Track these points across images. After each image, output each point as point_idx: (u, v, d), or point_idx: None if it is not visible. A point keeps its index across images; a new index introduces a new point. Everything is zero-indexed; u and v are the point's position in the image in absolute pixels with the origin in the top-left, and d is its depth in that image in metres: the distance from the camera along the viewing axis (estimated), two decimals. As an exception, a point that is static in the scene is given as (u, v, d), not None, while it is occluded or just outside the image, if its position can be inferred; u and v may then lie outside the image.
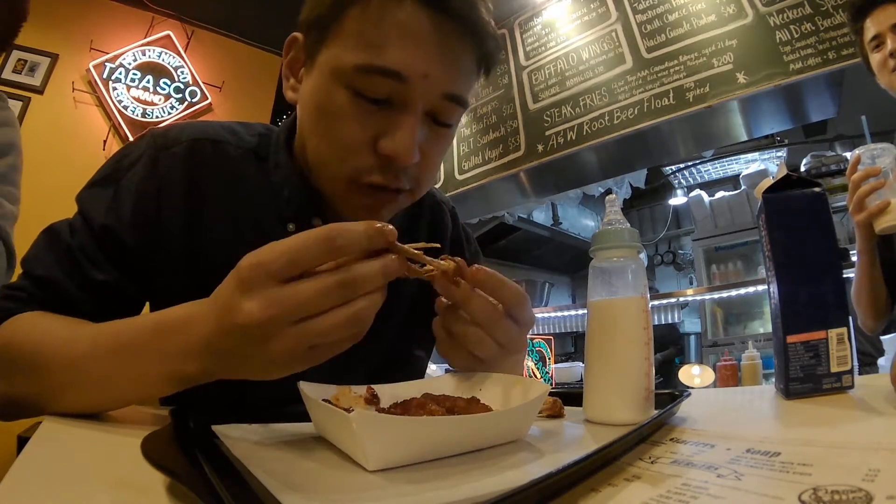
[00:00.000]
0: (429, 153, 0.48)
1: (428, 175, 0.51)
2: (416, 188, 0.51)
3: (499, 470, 0.30)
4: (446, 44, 0.44)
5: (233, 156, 0.55)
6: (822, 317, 0.48)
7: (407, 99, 0.45)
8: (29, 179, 2.11)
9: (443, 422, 0.32)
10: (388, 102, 0.45)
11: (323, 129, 0.47)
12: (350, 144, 0.46)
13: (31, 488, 0.26)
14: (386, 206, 0.51)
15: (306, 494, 0.25)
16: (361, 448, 0.28)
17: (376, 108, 0.45)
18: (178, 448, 0.28)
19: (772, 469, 0.26)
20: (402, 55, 0.43)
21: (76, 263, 0.49)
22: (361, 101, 0.45)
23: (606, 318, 0.44)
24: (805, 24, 1.47)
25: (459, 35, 0.45)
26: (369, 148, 0.46)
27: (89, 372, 0.40)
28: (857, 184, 0.77)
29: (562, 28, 2.13)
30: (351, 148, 0.46)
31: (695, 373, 1.90)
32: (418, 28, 0.43)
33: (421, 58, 0.43)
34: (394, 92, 0.44)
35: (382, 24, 0.43)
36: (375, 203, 0.50)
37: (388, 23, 0.43)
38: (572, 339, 3.54)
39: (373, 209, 0.50)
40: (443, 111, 0.47)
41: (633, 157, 2.16)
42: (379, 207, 0.50)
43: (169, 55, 2.53)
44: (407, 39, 0.43)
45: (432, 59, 0.44)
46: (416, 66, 0.43)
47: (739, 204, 3.18)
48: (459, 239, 0.71)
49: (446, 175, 2.46)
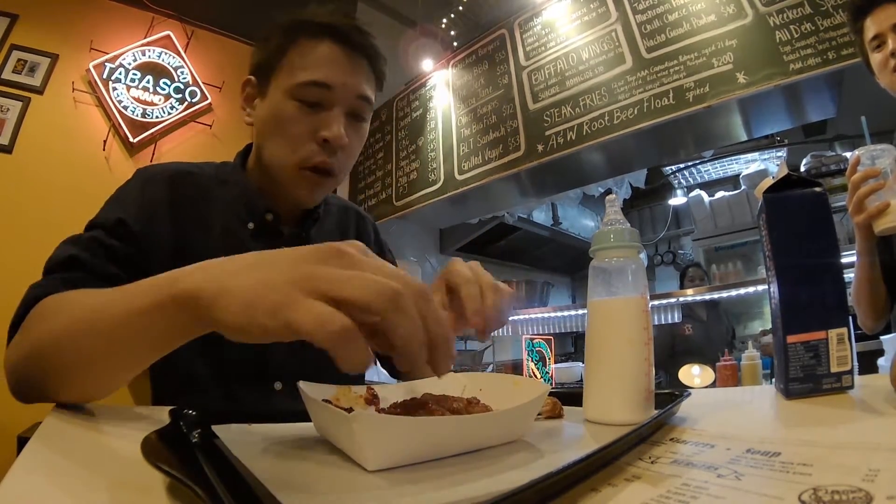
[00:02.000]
0: (350, 143, 0.67)
1: (348, 162, 0.70)
2: (340, 173, 0.69)
3: (499, 470, 0.30)
4: (353, 64, 0.67)
5: (201, 182, 0.71)
6: (822, 317, 0.48)
7: (334, 101, 0.65)
8: (29, 180, 2.13)
9: (442, 422, 0.32)
10: (321, 105, 0.65)
11: (278, 132, 0.66)
12: (298, 137, 0.65)
13: (31, 488, 0.26)
14: (320, 187, 0.69)
15: (306, 494, 0.25)
16: (361, 448, 0.28)
17: (313, 111, 0.65)
18: (178, 448, 0.28)
19: (772, 469, 0.26)
20: (326, 72, 0.65)
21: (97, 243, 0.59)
22: (303, 107, 0.65)
23: (606, 318, 0.44)
24: (805, 24, 1.47)
25: (360, 58, 0.68)
26: (311, 138, 0.65)
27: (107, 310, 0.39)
28: (856, 185, 0.77)
29: (561, 28, 2.13)
30: (299, 140, 0.65)
31: (695, 373, 1.90)
32: (334, 57, 0.66)
33: (339, 73, 0.65)
34: (324, 98, 0.65)
35: (311, 56, 0.65)
36: (314, 183, 0.67)
37: (315, 55, 0.65)
38: (572, 339, 3.55)
39: (311, 188, 0.68)
40: (358, 109, 0.68)
41: (633, 157, 2.16)
42: (315, 186, 0.68)
43: (169, 55, 2.53)
44: (328, 64, 0.65)
45: (346, 73, 0.66)
46: (336, 78, 0.65)
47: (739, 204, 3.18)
48: (382, 247, 0.90)
49: (446, 175, 2.46)
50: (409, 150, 2.73)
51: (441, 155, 2.53)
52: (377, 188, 2.88)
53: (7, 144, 2.11)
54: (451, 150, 2.47)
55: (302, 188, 0.68)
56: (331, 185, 0.70)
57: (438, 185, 2.49)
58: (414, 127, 2.70)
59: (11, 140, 2.12)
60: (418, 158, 2.66)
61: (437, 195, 2.48)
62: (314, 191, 0.69)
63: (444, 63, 2.62)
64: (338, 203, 0.87)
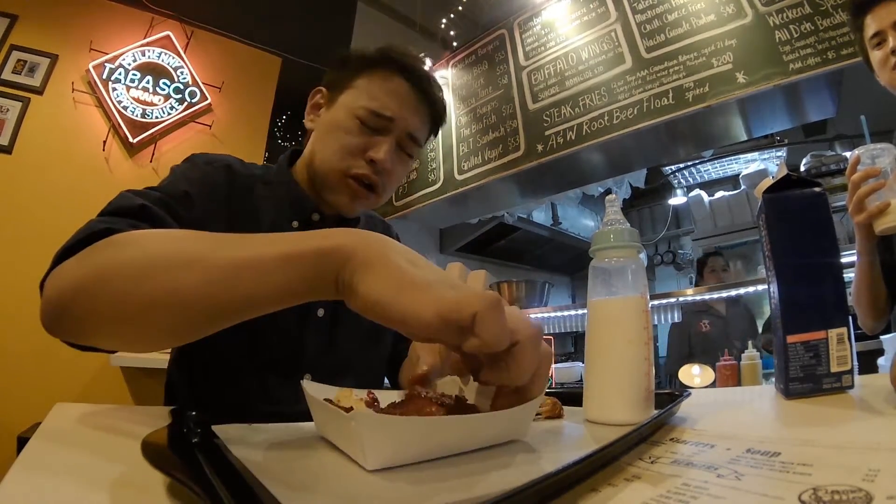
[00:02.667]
0: (394, 168, 0.73)
1: (390, 185, 0.75)
2: (382, 192, 0.74)
3: (499, 470, 0.30)
4: (416, 106, 0.74)
5: (250, 178, 0.74)
6: (822, 317, 0.48)
7: (389, 130, 0.72)
8: (29, 180, 2.13)
9: (443, 422, 0.32)
10: (378, 131, 0.72)
11: (335, 141, 0.72)
12: (350, 149, 0.71)
13: (31, 488, 0.26)
14: (361, 198, 0.73)
15: (306, 495, 0.25)
16: (361, 448, 0.28)
17: (370, 133, 0.71)
18: (178, 448, 0.28)
19: (772, 469, 0.26)
20: (392, 106, 0.71)
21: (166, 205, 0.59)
22: (363, 128, 0.71)
23: (606, 318, 0.44)
24: (804, 24, 1.47)
25: (423, 103, 0.75)
26: (361, 154, 0.71)
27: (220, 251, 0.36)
28: (856, 184, 0.77)
29: (561, 28, 2.13)
30: (350, 152, 0.71)
31: (695, 373, 1.90)
32: (402, 92, 0.73)
33: (401, 109, 0.72)
34: (382, 126, 0.72)
35: (383, 87, 0.72)
36: (356, 193, 0.72)
37: (386, 87, 0.72)
38: (572, 339, 3.54)
39: (353, 197, 0.72)
40: (406, 144, 0.74)
41: (632, 157, 2.16)
42: (357, 197, 0.72)
43: (168, 55, 2.53)
44: (396, 99, 0.72)
45: (407, 112, 0.73)
46: (398, 113, 0.72)
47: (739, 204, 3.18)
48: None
49: (446, 175, 2.46)
50: (409, 150, 2.73)
51: (441, 155, 2.53)
52: (377, 188, 2.88)
53: (7, 145, 2.11)
54: (450, 150, 2.47)
55: (344, 194, 0.72)
56: (371, 201, 0.74)
57: (438, 185, 2.49)
58: (414, 127, 2.70)
59: (11, 140, 2.12)
60: (418, 158, 2.66)
61: (437, 195, 2.48)
62: (354, 200, 0.73)
63: (444, 63, 2.62)
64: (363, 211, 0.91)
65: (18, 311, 1.87)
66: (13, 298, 1.87)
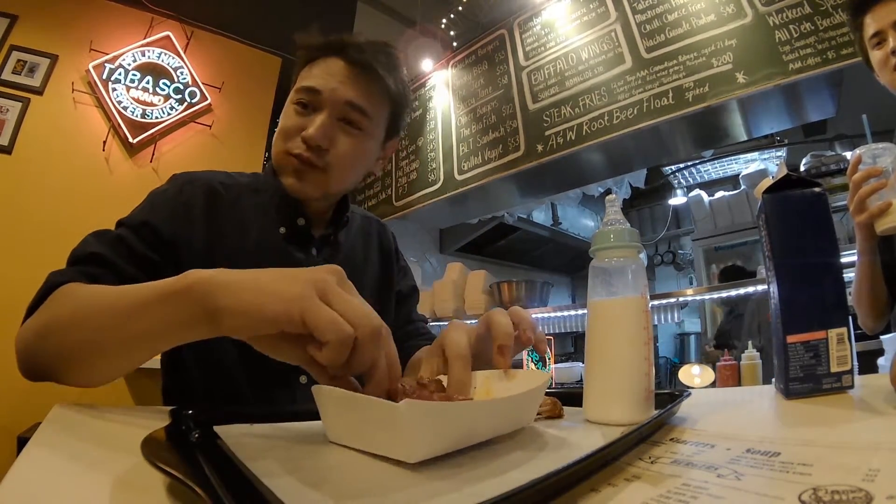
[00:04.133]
0: (337, 143, 0.72)
1: (338, 160, 0.72)
2: (328, 168, 0.72)
3: (499, 470, 0.30)
4: (347, 75, 0.72)
5: (236, 190, 0.75)
6: (822, 317, 0.48)
7: (322, 105, 0.71)
8: (29, 180, 2.13)
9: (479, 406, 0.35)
10: (313, 109, 0.72)
11: (278, 129, 0.74)
12: (288, 132, 0.72)
13: (31, 488, 0.26)
14: (305, 178, 0.72)
15: (306, 495, 0.25)
16: (407, 439, 0.28)
17: (305, 112, 0.72)
18: (179, 448, 0.28)
19: (772, 469, 0.26)
20: (318, 79, 0.72)
21: (122, 243, 0.62)
22: (298, 108, 0.72)
23: (606, 318, 0.44)
24: (804, 24, 1.47)
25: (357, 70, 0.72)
26: (297, 134, 0.71)
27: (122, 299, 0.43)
28: (857, 184, 0.77)
29: (561, 28, 2.13)
30: (288, 134, 0.72)
31: (695, 373, 1.90)
32: (330, 68, 0.72)
33: (329, 80, 0.71)
34: (313, 101, 0.71)
35: (315, 69, 0.73)
36: (298, 172, 0.72)
37: (319, 67, 0.73)
38: (572, 339, 3.54)
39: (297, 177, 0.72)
40: (350, 115, 0.72)
41: (632, 157, 2.16)
42: (300, 177, 0.72)
43: (168, 56, 2.53)
44: (323, 73, 0.72)
45: (337, 81, 0.71)
46: (326, 84, 0.71)
47: (739, 204, 3.18)
48: (398, 253, 0.95)
49: (446, 175, 2.46)
50: (409, 150, 2.73)
51: (441, 155, 2.53)
52: (377, 188, 2.88)
53: (7, 145, 2.11)
54: (450, 150, 2.47)
55: (288, 175, 0.73)
56: (319, 179, 0.73)
57: (438, 185, 2.49)
58: (414, 127, 2.70)
59: (11, 141, 2.12)
60: (418, 158, 2.66)
61: (437, 195, 2.48)
62: (299, 180, 0.72)
63: (444, 63, 2.62)
64: (359, 212, 0.92)
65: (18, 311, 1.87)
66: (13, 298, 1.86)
